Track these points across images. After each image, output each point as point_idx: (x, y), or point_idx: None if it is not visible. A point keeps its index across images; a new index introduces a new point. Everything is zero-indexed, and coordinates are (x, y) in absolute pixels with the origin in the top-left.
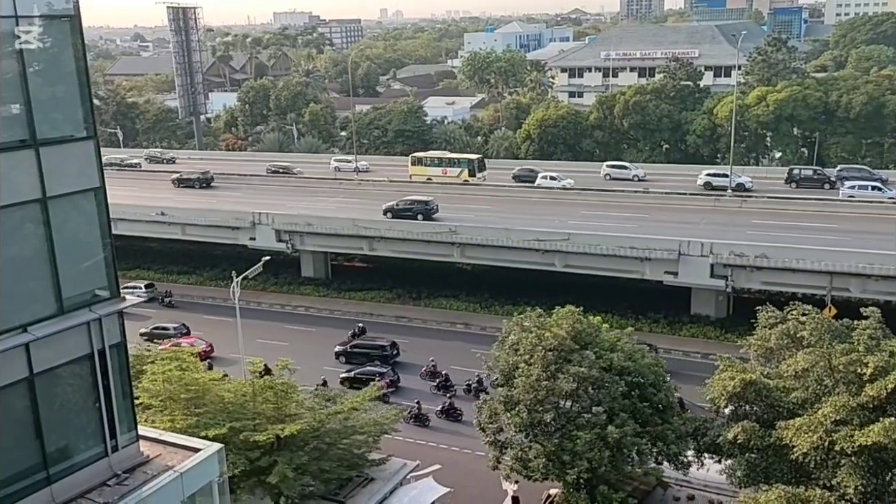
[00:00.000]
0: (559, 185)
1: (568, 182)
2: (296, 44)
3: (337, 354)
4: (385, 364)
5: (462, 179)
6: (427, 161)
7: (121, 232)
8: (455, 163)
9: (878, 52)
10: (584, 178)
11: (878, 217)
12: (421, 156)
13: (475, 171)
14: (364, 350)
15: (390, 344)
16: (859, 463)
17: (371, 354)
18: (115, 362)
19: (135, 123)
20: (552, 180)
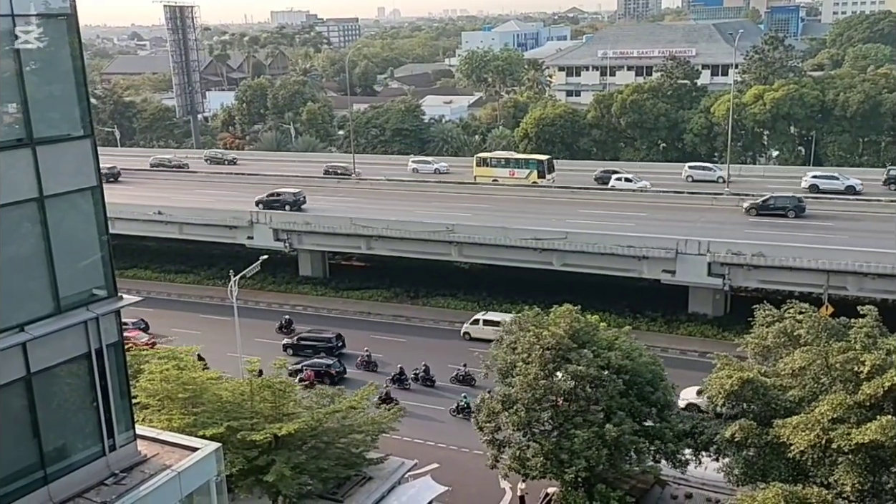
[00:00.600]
0: (635, 186)
1: (644, 184)
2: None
3: (284, 347)
4: (330, 356)
5: (531, 181)
6: (493, 162)
7: (118, 231)
8: (523, 164)
9: (875, 50)
10: (578, 178)
11: (875, 215)
12: (486, 156)
13: (545, 172)
14: (311, 343)
15: (336, 336)
16: (856, 461)
17: (317, 347)
18: (112, 361)
19: (132, 122)
20: (627, 182)
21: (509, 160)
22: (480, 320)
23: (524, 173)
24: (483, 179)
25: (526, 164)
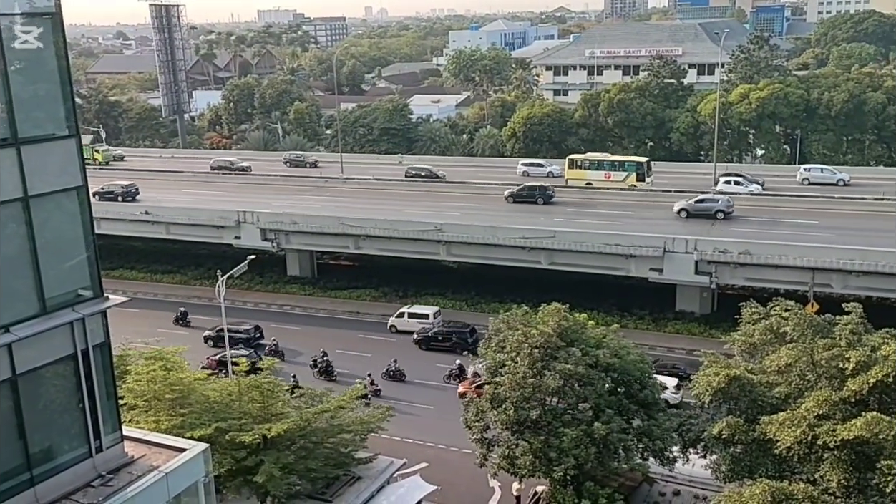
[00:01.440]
0: (746, 190)
1: (755, 187)
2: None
3: (205, 339)
4: (248, 347)
5: (629, 185)
6: (586, 164)
7: (104, 231)
8: (620, 166)
9: (860, 49)
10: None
11: (858, 213)
12: (579, 158)
13: (644, 174)
14: (230, 335)
15: (254, 328)
16: (842, 457)
17: (236, 339)
18: (98, 362)
19: (117, 122)
20: (737, 185)
21: (604, 162)
22: (406, 313)
23: (621, 176)
24: (575, 182)
25: (623, 167)
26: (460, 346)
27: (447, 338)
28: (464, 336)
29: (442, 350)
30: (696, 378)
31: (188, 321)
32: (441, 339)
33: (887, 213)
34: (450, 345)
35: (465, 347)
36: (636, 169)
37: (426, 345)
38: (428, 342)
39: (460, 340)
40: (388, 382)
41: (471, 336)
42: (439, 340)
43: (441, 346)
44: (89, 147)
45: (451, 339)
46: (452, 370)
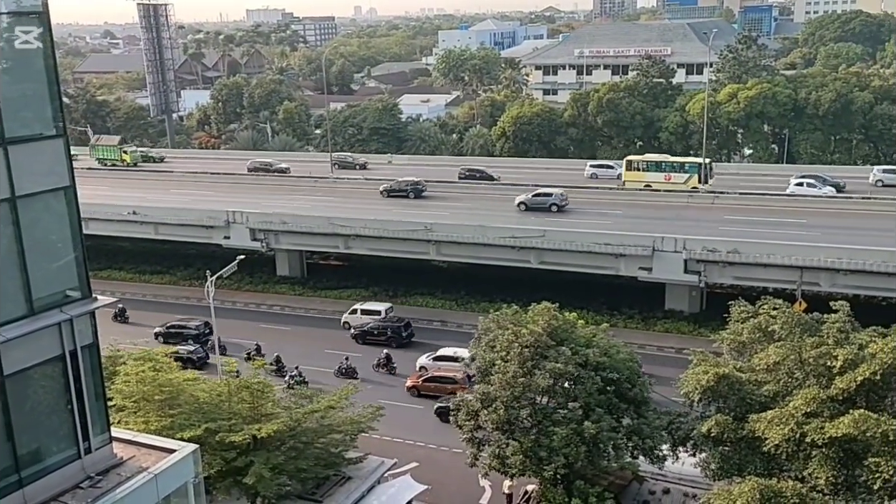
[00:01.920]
0: (819, 192)
1: (829, 189)
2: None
3: (156, 335)
4: (196, 343)
5: (690, 186)
6: (645, 165)
7: (92, 232)
8: (681, 167)
9: (847, 49)
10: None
11: (845, 212)
12: (637, 159)
13: (707, 176)
14: (179, 331)
15: (203, 324)
16: (830, 454)
17: (185, 334)
18: (87, 363)
19: (105, 122)
20: (810, 187)
21: (664, 163)
22: (358, 310)
23: (682, 178)
24: (633, 185)
25: (684, 168)
26: (395, 339)
27: (382, 332)
28: (398, 330)
29: (378, 344)
30: (686, 376)
31: (126, 318)
32: (377, 333)
33: (874, 211)
34: (385, 339)
35: (399, 341)
36: (698, 170)
37: (363, 339)
38: (364, 336)
39: (394, 334)
40: (341, 380)
41: (405, 330)
42: (375, 335)
43: (376, 340)
44: (117, 148)
45: (387, 334)
46: (380, 359)
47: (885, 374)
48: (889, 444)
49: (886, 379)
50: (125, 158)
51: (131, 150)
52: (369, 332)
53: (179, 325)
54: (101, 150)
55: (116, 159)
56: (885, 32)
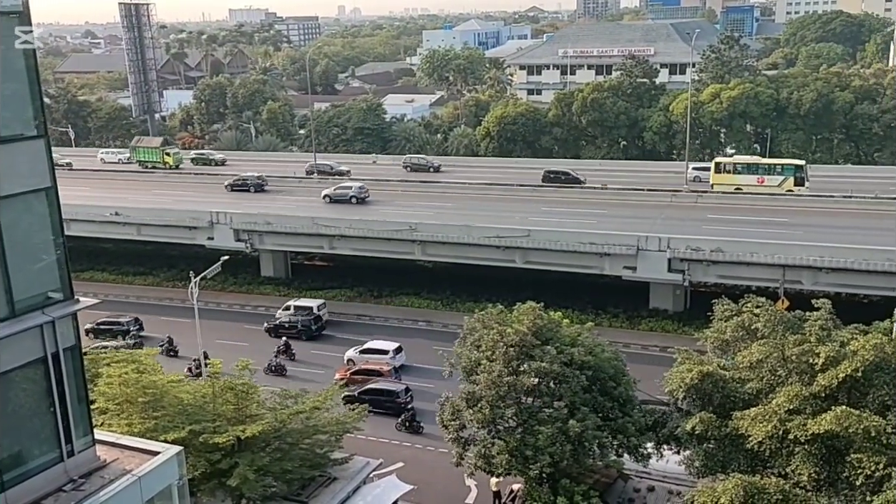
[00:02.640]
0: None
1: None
2: (252, 41)
3: (87, 332)
4: (126, 338)
5: (784, 189)
6: (736, 168)
7: (73, 233)
8: (775, 169)
9: (828, 49)
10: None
11: (827, 211)
12: (727, 161)
13: (804, 178)
14: (109, 327)
15: (133, 320)
16: (812, 451)
17: (114, 330)
18: (69, 365)
19: (87, 122)
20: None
21: (757, 165)
22: (291, 306)
23: (776, 180)
24: (722, 188)
25: (779, 170)
26: (304, 332)
27: (293, 325)
28: (307, 324)
29: (290, 337)
30: (670, 374)
31: None
32: (288, 326)
33: (855, 210)
34: (295, 332)
35: (309, 334)
36: (794, 172)
37: (275, 332)
38: (277, 330)
39: (304, 328)
40: (271, 377)
41: (315, 323)
42: (286, 328)
43: (287, 332)
44: (159, 150)
45: (297, 327)
46: (280, 347)
47: (867, 371)
48: (871, 441)
49: (868, 376)
50: (167, 160)
51: (174, 151)
52: (281, 326)
53: (110, 321)
54: (142, 152)
55: (158, 161)
56: (866, 32)
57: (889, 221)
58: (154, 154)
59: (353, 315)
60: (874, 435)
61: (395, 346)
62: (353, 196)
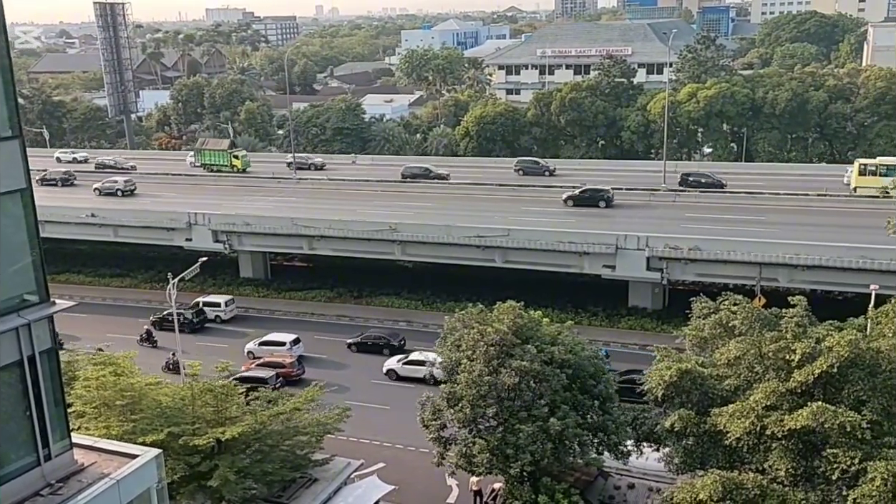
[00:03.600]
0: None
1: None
2: (230, 41)
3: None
4: None
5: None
6: (882, 169)
7: (48, 235)
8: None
9: (802, 49)
10: None
11: (803, 209)
12: (872, 163)
13: None
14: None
15: None
16: (789, 446)
17: None
18: (45, 369)
19: (62, 123)
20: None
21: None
22: (200, 303)
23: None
24: (867, 191)
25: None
26: (187, 325)
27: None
28: (189, 317)
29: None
30: (650, 372)
31: None
32: (170, 319)
33: (829, 208)
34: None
35: (192, 327)
36: None
37: (160, 326)
38: (161, 323)
39: (186, 321)
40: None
41: (197, 317)
42: (169, 321)
43: (170, 325)
44: (226, 153)
45: (179, 320)
46: (142, 335)
47: (842, 367)
48: (846, 436)
49: (843, 371)
50: (236, 164)
51: (242, 154)
52: (165, 319)
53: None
54: (208, 155)
55: (225, 164)
56: (839, 33)
57: (863, 219)
58: (221, 157)
59: (333, 316)
60: (849, 430)
61: (293, 337)
62: (119, 189)
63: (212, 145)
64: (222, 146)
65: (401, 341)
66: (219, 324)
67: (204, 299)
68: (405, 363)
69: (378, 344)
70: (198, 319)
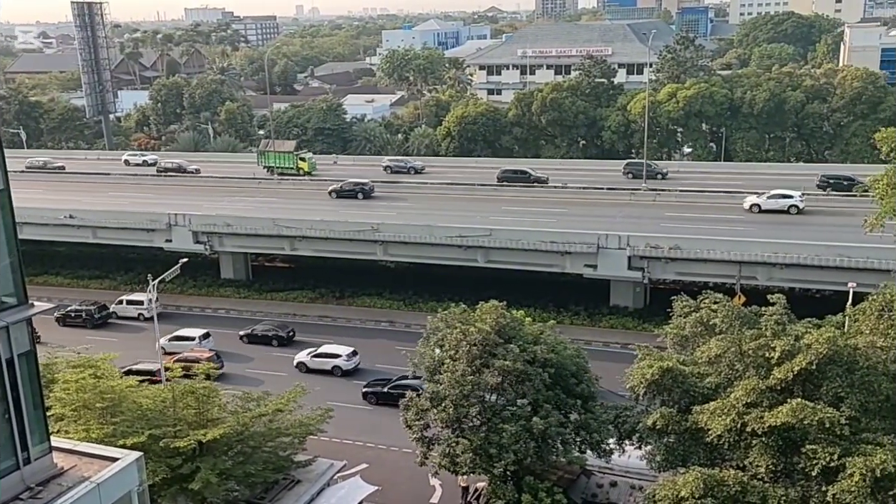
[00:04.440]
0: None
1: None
2: (209, 41)
3: None
4: None
5: None
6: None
7: (26, 236)
8: None
9: (779, 50)
10: None
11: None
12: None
13: None
14: None
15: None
16: (769, 443)
17: None
18: (24, 371)
19: (39, 123)
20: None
21: None
22: (124, 300)
23: None
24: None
25: None
26: (89, 321)
27: (78, 315)
28: (91, 313)
29: (76, 326)
30: (631, 371)
31: None
32: (73, 315)
33: (806, 207)
34: (81, 321)
35: (94, 322)
36: None
37: (63, 322)
38: (65, 319)
39: (88, 317)
40: None
41: (98, 312)
42: (72, 317)
43: (74, 322)
44: (293, 155)
45: (82, 316)
46: None
47: (821, 364)
48: (825, 432)
49: (822, 368)
50: (302, 166)
51: (309, 156)
52: (69, 315)
53: None
54: (272, 157)
55: (290, 167)
56: (816, 33)
57: (840, 218)
58: (286, 160)
59: (315, 317)
60: (828, 426)
61: (202, 332)
62: None
63: (276, 147)
64: (287, 148)
65: (289, 333)
66: (141, 321)
67: (127, 297)
68: (314, 356)
69: (267, 336)
70: (99, 315)
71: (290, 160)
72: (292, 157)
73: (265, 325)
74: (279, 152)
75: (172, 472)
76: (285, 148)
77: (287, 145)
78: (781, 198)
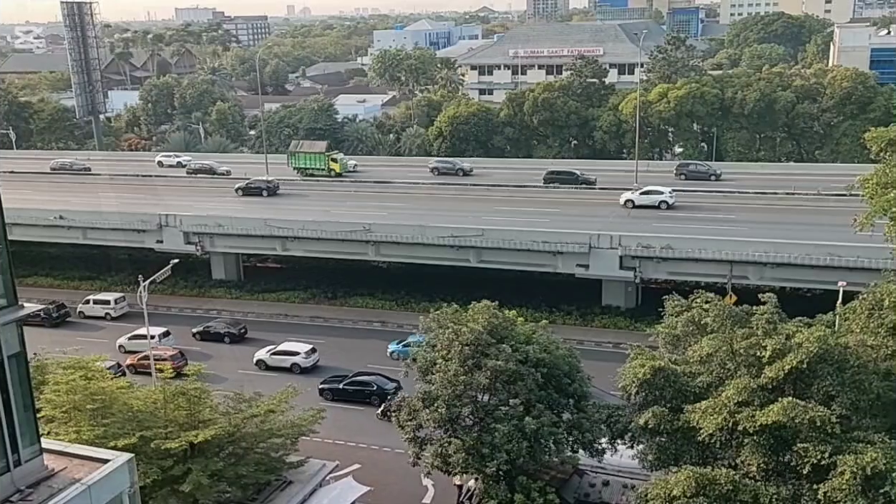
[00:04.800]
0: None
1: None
2: (200, 41)
3: None
4: None
5: None
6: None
7: (15, 237)
8: None
9: (770, 50)
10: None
11: (771, 208)
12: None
13: None
14: None
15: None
16: (761, 442)
17: None
18: (14, 373)
19: (28, 124)
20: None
21: None
22: (91, 300)
23: None
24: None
25: None
26: (47, 321)
27: (36, 315)
28: (49, 312)
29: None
30: (623, 370)
31: None
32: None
33: (798, 206)
34: (39, 320)
35: (52, 321)
36: None
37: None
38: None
39: (46, 316)
40: None
41: (56, 311)
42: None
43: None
44: (324, 156)
45: (40, 315)
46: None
47: (811, 363)
48: (816, 430)
49: (812, 367)
50: (334, 167)
51: (340, 157)
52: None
53: None
54: (302, 158)
55: (321, 168)
56: (806, 33)
57: (830, 217)
58: (318, 160)
59: (307, 317)
60: (819, 425)
61: (162, 330)
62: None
63: (307, 148)
64: (318, 149)
65: (241, 330)
66: (108, 321)
67: (94, 297)
68: (273, 353)
69: (220, 333)
70: (58, 314)
71: (321, 161)
72: (324, 157)
73: (218, 323)
74: (310, 153)
75: (164, 473)
76: (316, 149)
77: (318, 146)
78: (653, 194)
